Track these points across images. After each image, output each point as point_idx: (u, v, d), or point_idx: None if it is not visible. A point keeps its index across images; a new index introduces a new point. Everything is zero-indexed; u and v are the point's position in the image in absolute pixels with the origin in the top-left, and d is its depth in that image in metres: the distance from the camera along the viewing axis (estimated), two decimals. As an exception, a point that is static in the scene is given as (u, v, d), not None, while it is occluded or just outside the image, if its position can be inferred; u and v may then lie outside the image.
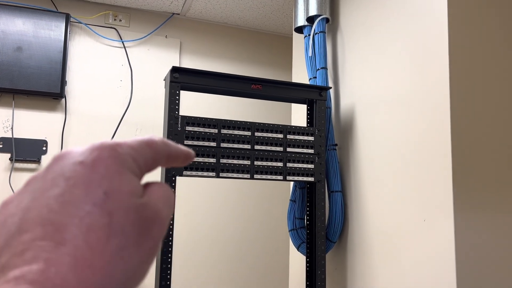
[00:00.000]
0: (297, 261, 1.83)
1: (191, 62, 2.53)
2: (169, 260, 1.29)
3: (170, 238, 1.30)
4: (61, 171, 0.24)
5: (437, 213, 1.12)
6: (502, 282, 1.11)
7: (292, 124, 1.89)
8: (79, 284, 0.20)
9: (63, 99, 2.24)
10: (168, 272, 1.28)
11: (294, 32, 1.85)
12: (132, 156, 0.25)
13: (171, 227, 1.31)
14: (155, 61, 2.47)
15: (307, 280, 1.50)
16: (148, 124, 2.40)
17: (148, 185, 0.26)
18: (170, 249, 1.30)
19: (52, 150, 2.20)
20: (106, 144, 0.25)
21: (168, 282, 1.28)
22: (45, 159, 2.18)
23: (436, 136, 1.15)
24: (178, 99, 1.36)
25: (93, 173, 0.23)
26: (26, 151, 2.15)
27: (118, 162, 0.24)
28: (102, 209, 0.22)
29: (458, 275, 1.06)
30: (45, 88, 2.13)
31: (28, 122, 2.19)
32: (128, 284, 0.23)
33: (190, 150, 0.31)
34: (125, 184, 0.24)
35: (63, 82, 2.17)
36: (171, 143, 0.29)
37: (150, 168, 0.27)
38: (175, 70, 1.36)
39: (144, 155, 0.26)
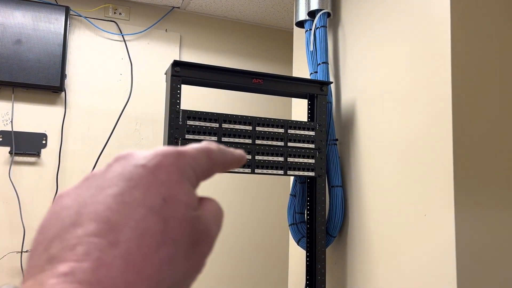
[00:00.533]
0: (297, 256, 1.83)
1: (191, 56, 2.52)
2: None
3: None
4: (121, 171, 0.23)
5: (438, 208, 1.13)
6: (503, 278, 1.11)
7: (293, 119, 1.89)
8: None
9: (63, 93, 2.23)
10: None
11: (295, 27, 1.85)
12: (192, 167, 0.25)
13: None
14: (155, 55, 2.46)
15: (307, 275, 1.50)
16: (148, 118, 2.39)
17: (202, 199, 0.26)
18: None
19: (52, 144, 2.19)
20: (170, 151, 0.25)
21: None
22: (45, 153, 2.18)
23: (437, 130, 1.15)
24: (179, 93, 1.35)
25: (154, 178, 0.23)
26: (26, 144, 2.15)
27: (179, 171, 0.24)
28: (159, 216, 0.22)
29: (458, 270, 1.06)
30: (45, 81, 2.12)
31: (27, 116, 2.18)
32: None
33: (243, 154, 0.30)
34: (183, 194, 0.24)
35: (62, 76, 2.16)
36: (226, 150, 0.29)
37: (206, 177, 0.27)
38: (176, 64, 1.36)
39: (203, 165, 0.26)
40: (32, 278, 0.21)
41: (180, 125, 1.33)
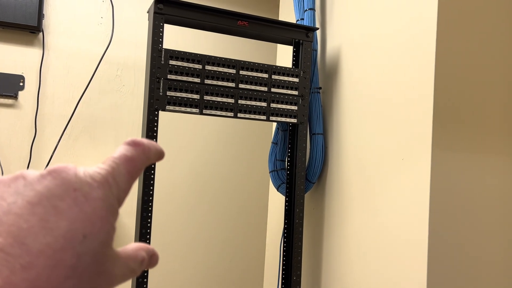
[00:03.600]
0: (276, 202, 1.87)
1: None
2: (150, 204, 1.30)
3: (152, 177, 1.30)
4: (52, 191, 0.23)
5: (415, 152, 1.15)
6: (474, 220, 1.16)
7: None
8: None
9: (41, 34, 2.15)
10: (149, 220, 1.29)
11: (283, -29, 1.79)
12: (118, 197, 0.25)
13: (152, 171, 1.31)
14: (138, -2, 2.37)
15: (285, 219, 1.54)
16: (130, 64, 2.34)
17: (126, 247, 0.26)
18: (151, 187, 1.30)
19: (30, 86, 2.14)
20: (102, 181, 0.24)
21: (148, 230, 1.29)
22: (22, 95, 2.13)
23: (419, 77, 1.16)
24: (162, 32, 1.32)
25: (81, 210, 0.23)
26: (2, 86, 2.08)
27: (106, 206, 0.24)
28: (75, 250, 0.22)
29: (430, 212, 1.10)
30: (22, 20, 2.04)
31: (4, 56, 2.11)
32: None
33: (160, 149, 0.29)
34: (103, 233, 0.24)
35: (40, 15, 2.08)
36: (151, 149, 0.28)
37: (126, 197, 0.27)
38: (159, 1, 1.31)
39: (126, 188, 0.26)
40: None
41: (163, 64, 1.31)
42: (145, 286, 1.28)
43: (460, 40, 1.16)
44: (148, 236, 1.30)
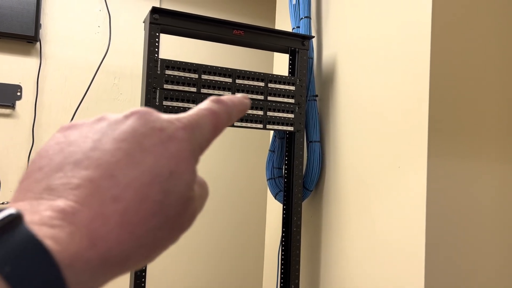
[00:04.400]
0: (274, 210, 1.87)
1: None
2: None
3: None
4: (137, 129, 0.23)
5: (411, 160, 1.15)
6: (471, 228, 1.16)
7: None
8: (117, 244, 0.21)
9: (38, 43, 2.16)
10: None
11: (278, -20, 1.80)
12: (200, 145, 0.25)
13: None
14: (134, 7, 2.38)
15: (283, 227, 1.53)
16: (127, 72, 2.34)
17: (197, 180, 0.26)
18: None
19: (27, 96, 2.14)
20: (186, 124, 0.24)
21: None
22: (19, 105, 2.13)
23: (414, 85, 1.16)
24: (158, 42, 1.32)
25: (167, 148, 0.23)
26: (0, 95, 2.09)
27: (190, 148, 0.24)
28: (161, 186, 0.22)
29: (427, 221, 1.10)
30: (19, 30, 2.05)
31: (1, 66, 2.11)
32: (146, 259, 0.23)
33: (244, 98, 0.30)
34: (188, 173, 0.24)
35: (37, 25, 2.09)
36: (232, 106, 0.28)
37: (208, 146, 0.27)
38: (155, 11, 1.32)
39: (209, 138, 0.26)
40: (26, 201, 0.21)
41: (159, 74, 1.31)
42: (142, 296, 1.28)
43: (454, 49, 1.16)
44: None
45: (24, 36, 2.07)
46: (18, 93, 2.13)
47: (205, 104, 0.27)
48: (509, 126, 1.23)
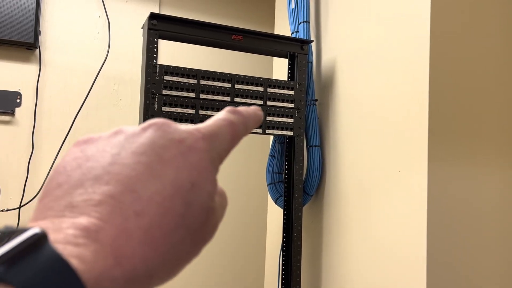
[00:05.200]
0: (275, 215, 1.86)
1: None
2: None
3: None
4: (156, 141, 0.23)
5: (411, 164, 1.14)
6: (472, 232, 1.15)
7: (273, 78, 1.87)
8: (142, 261, 0.20)
9: (37, 50, 2.16)
10: None
11: (277, -15, 1.81)
12: (219, 154, 0.25)
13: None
14: (134, 13, 2.39)
15: (284, 232, 1.53)
16: (126, 78, 2.34)
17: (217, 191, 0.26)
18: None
19: (27, 103, 2.14)
20: (204, 134, 0.24)
21: None
22: (19, 112, 2.13)
23: (414, 88, 1.16)
24: (156, 47, 1.32)
25: (186, 159, 0.23)
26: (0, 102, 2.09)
27: (209, 158, 0.24)
28: (184, 199, 0.22)
29: (428, 226, 1.09)
30: (18, 37, 2.05)
31: (0, 73, 2.11)
32: (171, 274, 0.23)
33: (259, 113, 0.30)
34: (209, 183, 0.23)
35: (36, 32, 2.09)
36: (248, 117, 0.28)
37: (227, 156, 0.27)
38: (153, 16, 1.32)
39: (227, 148, 0.26)
40: (48, 219, 0.20)
41: (157, 80, 1.31)
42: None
43: (454, 52, 1.16)
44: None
45: (24, 43, 2.07)
46: (18, 100, 2.12)
47: (222, 114, 0.27)
48: (509, 130, 1.23)
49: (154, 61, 1.31)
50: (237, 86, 1.41)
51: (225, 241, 2.52)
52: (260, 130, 1.44)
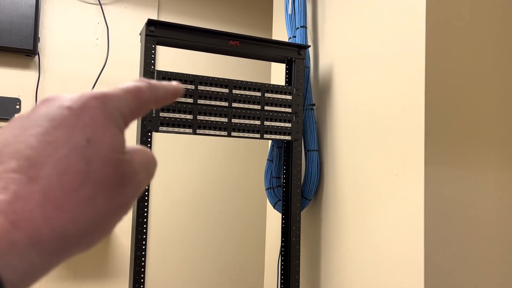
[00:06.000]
0: (274, 219, 1.86)
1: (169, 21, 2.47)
2: (145, 226, 1.29)
3: (146, 198, 1.30)
4: (46, 112, 0.24)
5: (408, 168, 1.15)
6: (469, 236, 1.15)
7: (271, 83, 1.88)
8: (45, 222, 0.21)
9: (37, 56, 2.17)
10: (143, 242, 1.28)
11: (274, -10, 1.82)
12: (119, 110, 0.25)
13: (147, 187, 1.31)
14: (132, 20, 2.40)
15: (282, 237, 1.53)
16: (125, 84, 2.35)
17: (134, 148, 0.27)
18: (146, 209, 1.30)
19: (26, 109, 2.14)
20: (96, 94, 0.25)
21: (143, 252, 1.28)
22: (19, 118, 2.13)
23: (410, 93, 1.17)
24: (154, 54, 1.33)
25: (78, 119, 0.23)
26: (-1, 109, 2.09)
27: (105, 114, 0.24)
28: (81, 155, 0.22)
29: (425, 229, 1.09)
30: (17, 44, 2.06)
31: (0, 79, 2.12)
32: (92, 233, 0.23)
33: (177, 86, 0.30)
34: (108, 137, 0.24)
35: (35, 39, 2.10)
36: (157, 85, 0.29)
37: (136, 117, 0.27)
38: (150, 23, 1.33)
39: (131, 106, 0.26)
40: None
41: (155, 86, 1.31)
42: (141, 309, 1.27)
43: (449, 56, 1.17)
44: (143, 258, 1.29)
45: (23, 50, 2.08)
46: (17, 106, 2.13)
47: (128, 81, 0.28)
48: (506, 133, 1.23)
49: (152, 67, 1.32)
50: (234, 91, 1.42)
51: (224, 245, 2.52)
52: (258, 135, 1.45)
